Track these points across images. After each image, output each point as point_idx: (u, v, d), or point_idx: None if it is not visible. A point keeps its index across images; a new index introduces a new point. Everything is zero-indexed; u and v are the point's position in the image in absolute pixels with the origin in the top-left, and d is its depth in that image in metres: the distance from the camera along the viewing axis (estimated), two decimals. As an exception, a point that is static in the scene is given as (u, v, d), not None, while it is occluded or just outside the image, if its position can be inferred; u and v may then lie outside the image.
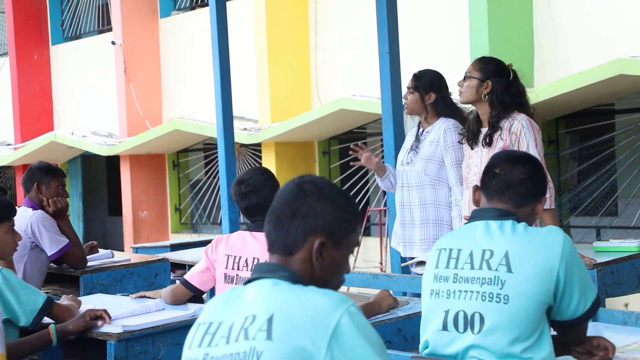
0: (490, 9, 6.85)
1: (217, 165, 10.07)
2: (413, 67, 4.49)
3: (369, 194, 9.12)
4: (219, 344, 1.65)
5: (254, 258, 3.25)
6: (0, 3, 13.76)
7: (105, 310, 2.94)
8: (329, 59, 9.09)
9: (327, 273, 1.73)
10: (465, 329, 2.23)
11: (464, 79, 3.76)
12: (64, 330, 2.86)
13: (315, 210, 1.71)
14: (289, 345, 1.58)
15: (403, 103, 4.30)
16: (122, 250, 10.34)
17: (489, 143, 3.68)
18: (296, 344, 1.58)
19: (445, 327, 2.26)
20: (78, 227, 11.93)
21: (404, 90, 4.33)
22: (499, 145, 3.65)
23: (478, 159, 3.74)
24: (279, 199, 1.73)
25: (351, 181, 9.12)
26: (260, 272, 1.73)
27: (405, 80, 4.40)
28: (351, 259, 2.00)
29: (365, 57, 8.42)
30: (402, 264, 4.33)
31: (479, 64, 3.77)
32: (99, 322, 2.88)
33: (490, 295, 2.20)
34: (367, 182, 9.16)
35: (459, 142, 3.96)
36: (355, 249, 1.82)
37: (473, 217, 2.37)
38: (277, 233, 1.72)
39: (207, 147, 10.84)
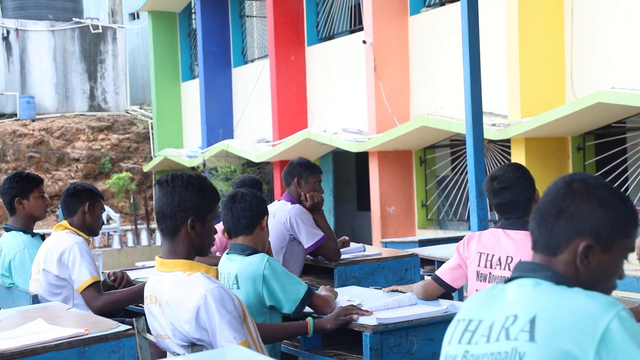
0: None
1: (465, 162, 10.00)
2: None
3: (628, 192, 8.55)
4: (479, 342, 1.64)
5: (507, 256, 3.18)
6: (262, 9, 14.70)
7: (360, 309, 3.00)
8: (586, 51, 8.63)
9: (593, 277, 1.64)
10: None
11: None
12: (321, 327, 2.98)
13: (583, 211, 1.62)
14: (553, 348, 1.52)
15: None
16: (371, 244, 10.61)
17: None
18: (560, 347, 1.52)
19: None
20: (329, 221, 12.41)
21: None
22: None
23: None
24: (545, 196, 1.68)
25: (608, 179, 8.60)
26: (521, 270, 1.69)
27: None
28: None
29: (626, 47, 7.91)
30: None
31: None
32: (355, 317, 2.95)
33: None
34: (626, 179, 8.60)
35: None
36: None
37: None
38: (541, 232, 1.66)
39: (454, 144, 10.78)
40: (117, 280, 4.10)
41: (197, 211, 2.58)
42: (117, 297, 3.78)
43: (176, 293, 2.52)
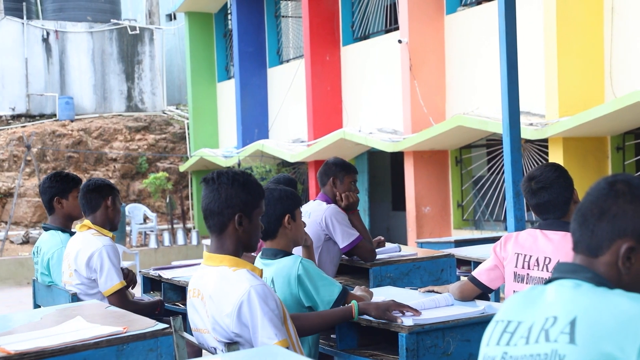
0: None
1: (501, 162, 9.90)
2: None
3: (668, 193, 8.39)
4: (518, 344, 1.62)
5: (545, 257, 3.15)
6: (297, 9, 14.73)
7: (410, 307, 2.95)
8: (626, 49, 8.50)
9: (635, 279, 1.61)
10: None
11: None
12: (366, 312, 2.95)
13: (626, 212, 1.60)
14: (594, 350, 1.50)
15: None
16: (406, 244, 10.57)
17: None
18: (602, 350, 1.49)
19: None
20: (364, 221, 12.37)
21: None
22: None
23: None
24: (587, 196, 1.65)
25: (648, 179, 8.46)
26: (561, 272, 1.67)
27: None
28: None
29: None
30: None
31: None
32: (399, 320, 2.89)
33: None
34: (666, 180, 8.45)
35: None
36: None
37: None
38: (582, 232, 1.64)
39: (490, 143, 10.69)
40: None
41: (244, 207, 2.60)
42: (139, 309, 3.84)
43: (220, 287, 2.55)
